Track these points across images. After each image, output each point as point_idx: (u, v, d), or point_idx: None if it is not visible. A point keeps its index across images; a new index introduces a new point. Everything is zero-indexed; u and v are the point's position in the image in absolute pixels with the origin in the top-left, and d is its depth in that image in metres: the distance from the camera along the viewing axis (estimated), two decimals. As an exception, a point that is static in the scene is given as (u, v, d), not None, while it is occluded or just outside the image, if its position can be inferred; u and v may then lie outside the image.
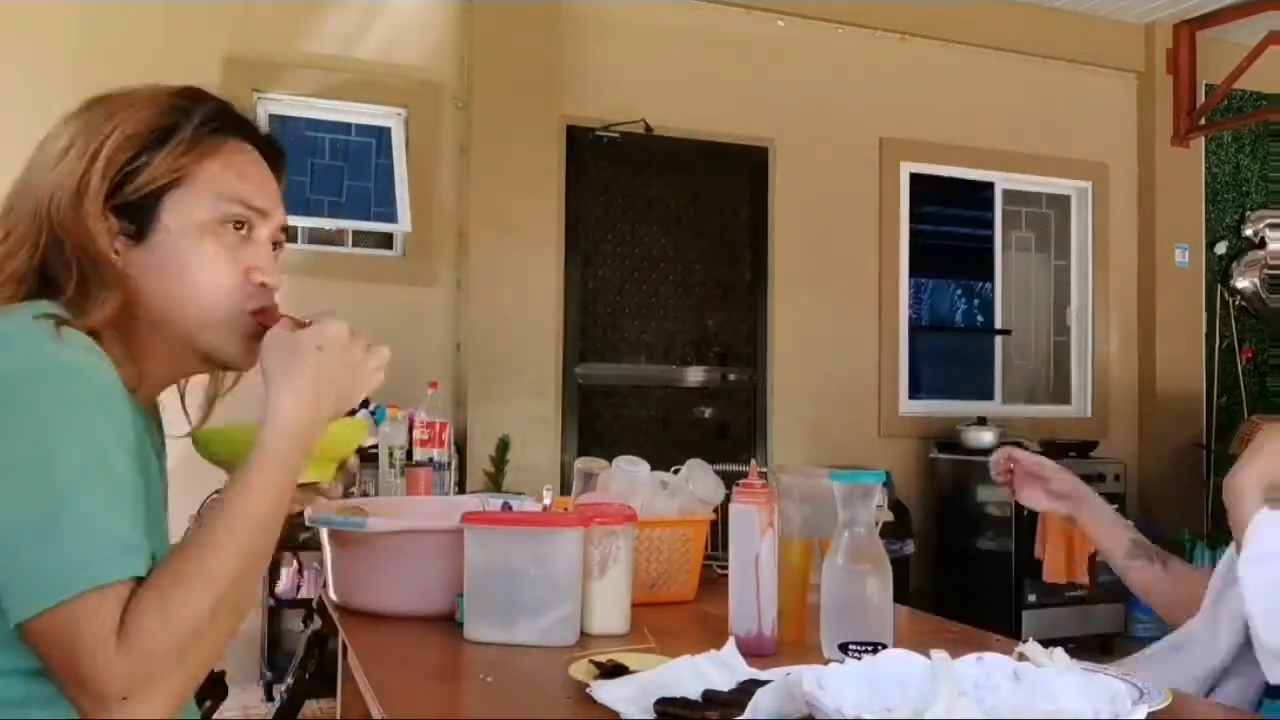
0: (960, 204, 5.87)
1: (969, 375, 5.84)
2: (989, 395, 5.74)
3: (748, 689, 1.00)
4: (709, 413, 5.16)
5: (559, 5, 4.73)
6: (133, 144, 1.03)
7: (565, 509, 1.56)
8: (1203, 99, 5.86)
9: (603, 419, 4.94)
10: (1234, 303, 6.01)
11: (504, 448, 4.35)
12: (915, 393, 5.57)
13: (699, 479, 1.69)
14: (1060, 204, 5.97)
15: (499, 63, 4.58)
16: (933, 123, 5.47)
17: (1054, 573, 4.79)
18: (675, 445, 4.81)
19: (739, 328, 5.20)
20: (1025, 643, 1.08)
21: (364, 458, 3.94)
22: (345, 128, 4.63)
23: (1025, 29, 5.56)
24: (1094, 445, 5.32)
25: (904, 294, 5.52)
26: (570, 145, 4.79)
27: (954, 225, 6.01)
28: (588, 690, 1.08)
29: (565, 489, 2.06)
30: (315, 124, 4.57)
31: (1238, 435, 5.25)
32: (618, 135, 4.86)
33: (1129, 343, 5.90)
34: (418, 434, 2.81)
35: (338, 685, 1.98)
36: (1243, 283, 5.98)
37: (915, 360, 5.61)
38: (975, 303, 6.33)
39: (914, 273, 5.62)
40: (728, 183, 5.19)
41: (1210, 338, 5.97)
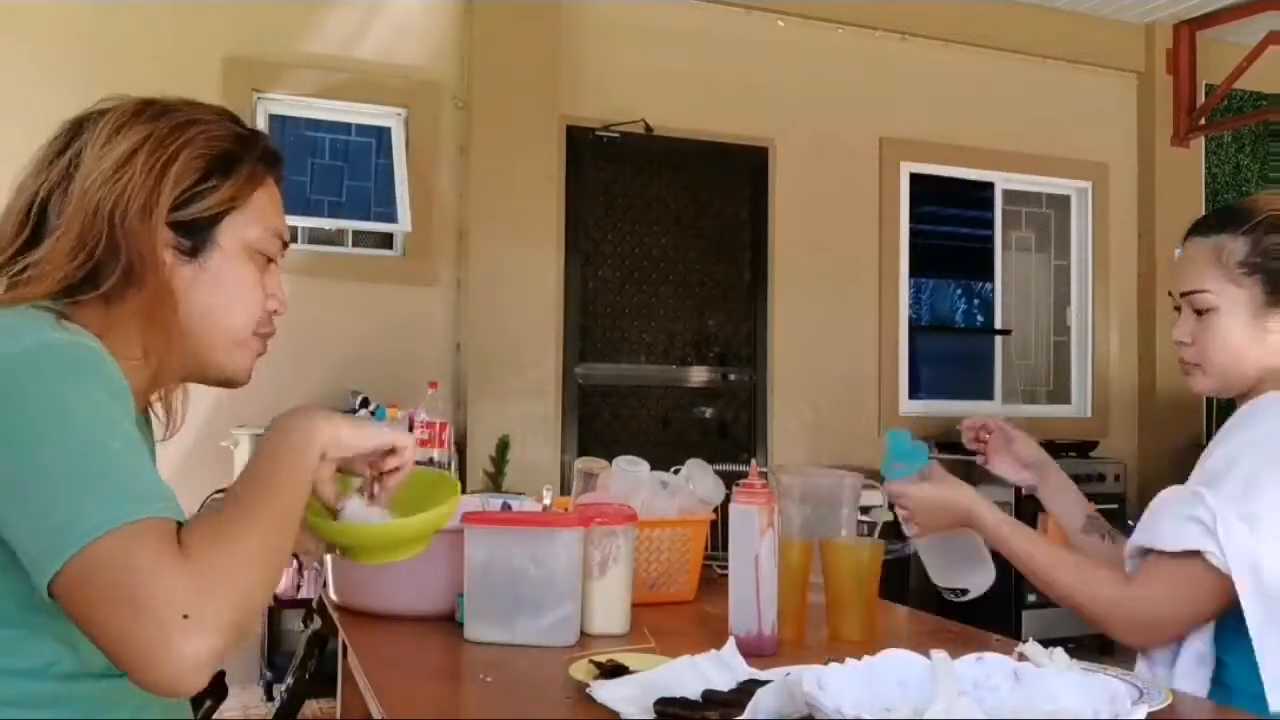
0: (960, 204, 5.87)
1: (969, 375, 5.84)
2: (989, 395, 5.74)
3: (748, 689, 1.00)
4: (709, 413, 5.16)
5: (559, 5, 4.73)
6: (202, 165, 1.08)
7: (565, 509, 1.56)
8: (1203, 99, 5.86)
9: (603, 419, 4.94)
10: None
11: (504, 448, 4.35)
12: (915, 393, 5.57)
13: (699, 479, 1.69)
14: (1060, 204, 5.97)
15: (499, 63, 4.58)
16: (933, 123, 5.47)
17: (1054, 573, 4.79)
18: (675, 445, 4.81)
19: (739, 328, 5.20)
20: (1025, 643, 1.09)
21: (364, 458, 3.96)
22: (345, 128, 4.63)
23: (1025, 29, 5.56)
24: (1094, 445, 5.32)
25: (904, 294, 5.52)
26: (570, 145, 4.79)
27: (954, 225, 6.01)
28: (588, 690, 1.08)
29: (565, 489, 2.06)
30: (315, 124, 4.57)
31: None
32: (618, 135, 4.86)
33: (1129, 343, 5.89)
34: (418, 434, 2.82)
35: (338, 685, 1.98)
36: (1243, 283, 5.98)
37: (915, 360, 5.61)
38: (975, 303, 6.33)
39: (914, 273, 5.62)
40: (728, 183, 5.19)
41: (1210, 338, 5.96)
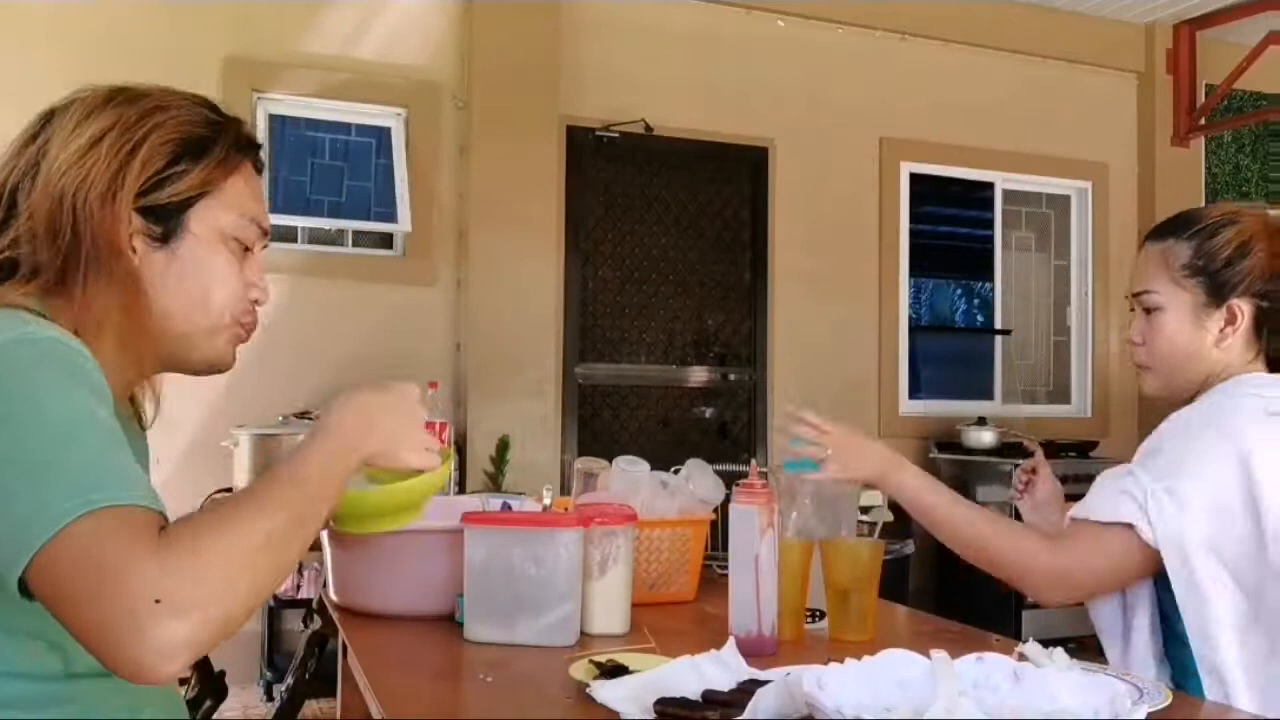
0: (960, 204, 5.87)
1: (969, 375, 5.84)
2: (989, 395, 5.74)
3: (748, 689, 1.00)
4: (709, 413, 5.16)
5: (559, 5, 4.73)
6: (170, 150, 1.06)
7: (565, 509, 1.56)
8: (1203, 99, 5.86)
9: (603, 419, 4.94)
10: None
11: (504, 448, 4.36)
12: (915, 393, 5.57)
13: (699, 479, 1.69)
14: (1060, 204, 5.97)
15: (499, 63, 4.58)
16: (933, 123, 5.47)
17: (1054, 573, 4.79)
18: (675, 445, 4.81)
19: (739, 328, 5.20)
20: (1025, 643, 1.09)
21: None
22: (345, 128, 4.63)
23: (1025, 29, 5.56)
24: (1094, 445, 5.32)
25: (904, 294, 5.52)
26: (570, 145, 4.79)
27: (954, 225, 6.01)
28: (588, 690, 1.08)
29: (565, 489, 2.06)
30: (315, 124, 4.56)
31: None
32: (618, 135, 4.86)
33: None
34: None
35: (338, 685, 1.98)
36: (1243, 283, 5.98)
37: (915, 360, 5.60)
38: (975, 303, 6.33)
39: (914, 273, 5.62)
40: (728, 183, 5.19)
41: (1210, 338, 5.96)
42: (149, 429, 1.22)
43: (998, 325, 5.86)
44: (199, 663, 3.23)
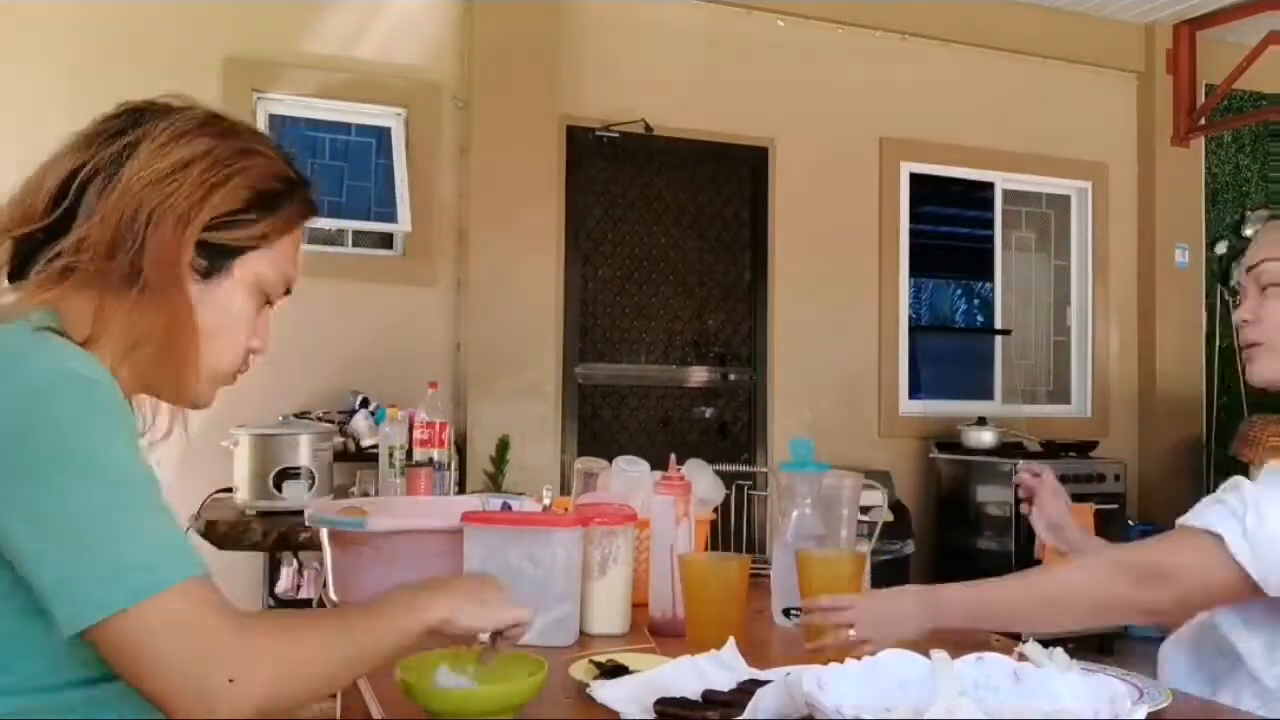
0: (960, 204, 5.87)
1: (969, 375, 5.84)
2: (989, 395, 5.74)
3: (748, 689, 1.00)
4: (709, 413, 5.16)
5: (559, 5, 4.73)
6: (247, 196, 1.07)
7: (565, 509, 1.56)
8: (1203, 99, 5.86)
9: (602, 419, 4.94)
10: (1234, 303, 6.00)
11: (504, 448, 4.35)
12: (915, 393, 5.57)
13: (699, 479, 1.69)
14: (1060, 204, 5.97)
15: (499, 62, 4.58)
16: (933, 123, 5.47)
17: (1054, 573, 4.79)
18: (675, 445, 4.80)
19: (739, 328, 5.20)
20: (1025, 643, 1.09)
21: (364, 458, 3.96)
22: (345, 128, 4.63)
23: (1025, 29, 5.56)
24: (1094, 445, 5.32)
25: (904, 294, 5.52)
26: (570, 145, 4.79)
27: (954, 225, 6.01)
28: (588, 690, 1.08)
29: (565, 489, 2.05)
30: (315, 124, 4.56)
31: (1238, 435, 5.25)
32: (618, 135, 4.86)
33: (1129, 343, 5.89)
34: (418, 434, 2.81)
35: (338, 685, 1.98)
36: (1243, 283, 5.97)
37: (915, 360, 5.60)
38: (975, 303, 6.33)
39: (914, 273, 5.62)
40: (728, 183, 5.19)
41: (1210, 338, 5.97)
42: (144, 437, 1.21)
43: (998, 325, 5.86)
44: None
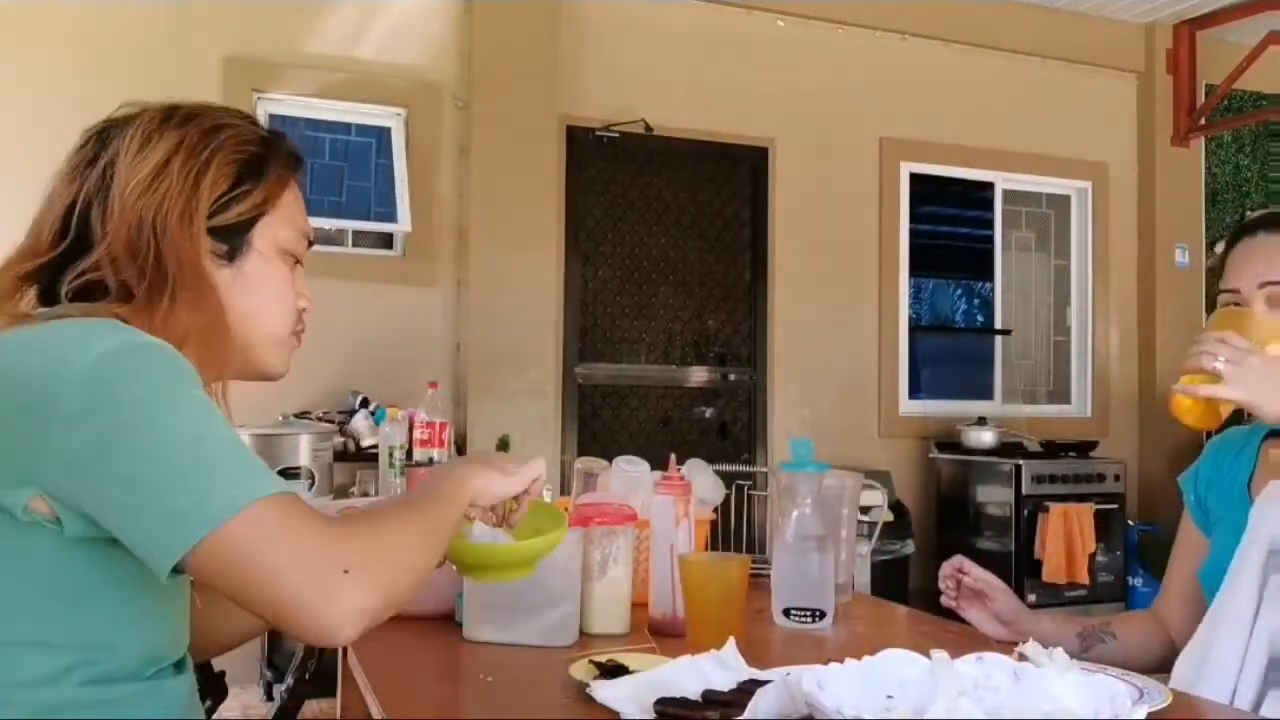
0: (960, 204, 5.87)
1: (969, 375, 5.84)
2: (989, 395, 5.74)
3: (748, 689, 1.00)
4: (709, 413, 5.16)
5: (559, 5, 4.73)
6: (234, 170, 1.10)
7: (565, 509, 1.56)
8: (1203, 99, 5.86)
9: (602, 419, 4.94)
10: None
11: (504, 448, 4.35)
12: (915, 393, 5.57)
13: (699, 479, 1.69)
14: (1060, 204, 5.97)
15: (499, 63, 4.58)
16: (933, 123, 5.47)
17: (1054, 573, 4.80)
18: (675, 445, 4.80)
19: (739, 328, 5.20)
20: (1025, 643, 1.09)
21: (364, 458, 3.96)
22: (345, 128, 4.63)
23: (1025, 29, 5.56)
24: (1094, 445, 5.32)
25: (904, 294, 5.52)
26: (570, 145, 4.79)
27: (954, 225, 6.01)
28: (588, 690, 1.08)
29: (565, 489, 2.06)
30: (315, 124, 4.56)
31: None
32: (618, 135, 4.86)
33: (1129, 343, 5.89)
34: (418, 434, 2.82)
35: (338, 685, 1.98)
36: (1243, 283, 5.97)
37: (915, 360, 5.61)
38: (975, 303, 6.32)
39: (914, 273, 5.62)
40: (728, 183, 5.19)
41: (1210, 338, 5.96)
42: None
43: (998, 325, 5.86)
44: (199, 663, 3.23)
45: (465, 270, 4.54)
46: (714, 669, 1.10)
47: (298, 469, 2.77)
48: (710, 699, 1.01)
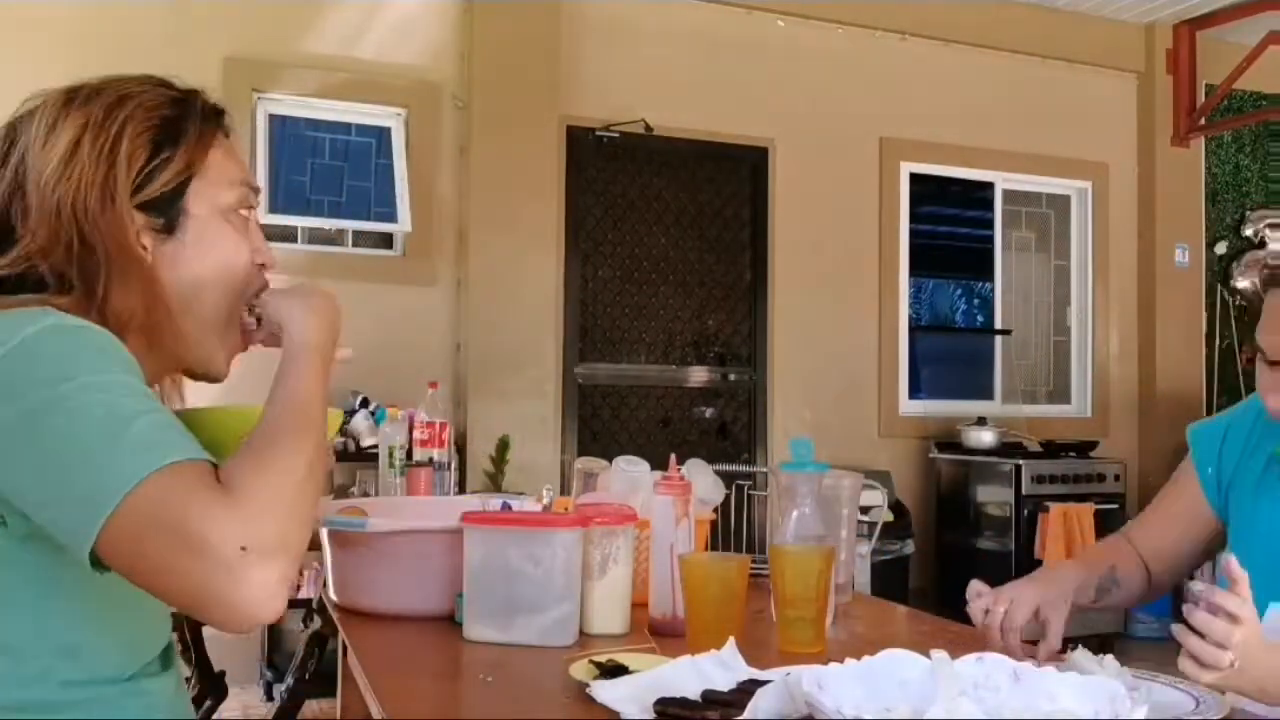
0: (960, 204, 5.87)
1: (969, 375, 5.84)
2: (989, 395, 5.74)
3: (748, 689, 1.00)
4: (709, 413, 5.16)
5: (559, 5, 4.73)
6: (148, 140, 1.05)
7: (565, 509, 1.56)
8: (1203, 99, 5.86)
9: (602, 419, 4.94)
10: (1234, 303, 6.01)
11: (504, 448, 4.36)
12: (915, 393, 5.57)
13: (699, 479, 1.69)
14: (1060, 204, 5.97)
15: (499, 63, 4.58)
16: (933, 123, 5.47)
17: (1054, 573, 4.79)
18: (675, 445, 4.80)
19: (739, 328, 5.20)
20: (1075, 649, 1.09)
21: (364, 458, 3.96)
22: (345, 128, 4.63)
23: (1025, 29, 5.56)
24: (1094, 445, 5.32)
25: (904, 294, 5.52)
26: (570, 145, 4.79)
27: (954, 225, 6.01)
28: (588, 690, 1.08)
29: (565, 489, 2.06)
30: (315, 124, 4.56)
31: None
32: (618, 135, 4.86)
33: (1129, 343, 5.89)
34: (418, 434, 2.81)
35: (338, 685, 1.98)
36: (1243, 283, 5.98)
37: (915, 360, 5.60)
38: (975, 302, 6.32)
39: (914, 273, 5.62)
40: (728, 183, 5.19)
41: (1210, 338, 5.97)
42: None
43: (998, 325, 5.86)
44: (199, 662, 3.23)
45: (465, 270, 4.54)
46: (714, 669, 1.10)
47: (297, 469, 2.76)
48: (710, 699, 1.01)
